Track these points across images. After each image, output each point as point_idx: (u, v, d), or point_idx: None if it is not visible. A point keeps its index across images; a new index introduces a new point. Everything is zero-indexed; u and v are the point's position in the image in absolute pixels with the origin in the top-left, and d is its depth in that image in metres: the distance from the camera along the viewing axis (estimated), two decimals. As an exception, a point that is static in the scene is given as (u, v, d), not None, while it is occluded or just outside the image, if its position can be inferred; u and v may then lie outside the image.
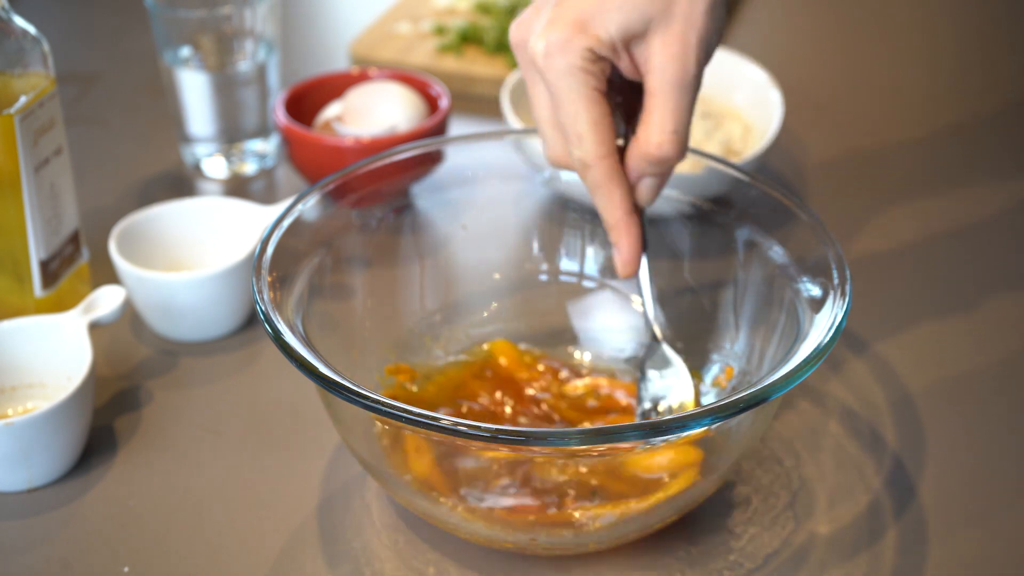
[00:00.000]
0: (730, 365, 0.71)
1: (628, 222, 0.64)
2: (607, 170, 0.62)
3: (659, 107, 0.61)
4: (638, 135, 0.62)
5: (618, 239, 0.64)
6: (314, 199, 0.69)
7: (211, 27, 0.96)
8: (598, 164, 0.62)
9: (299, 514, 0.68)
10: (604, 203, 0.63)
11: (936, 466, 0.71)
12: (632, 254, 0.65)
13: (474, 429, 0.54)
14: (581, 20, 0.60)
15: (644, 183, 0.64)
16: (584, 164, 0.62)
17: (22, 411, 0.73)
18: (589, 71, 0.60)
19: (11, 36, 0.74)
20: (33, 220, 0.76)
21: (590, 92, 0.61)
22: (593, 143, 0.61)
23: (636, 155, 0.63)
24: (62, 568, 0.65)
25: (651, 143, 0.61)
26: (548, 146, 0.65)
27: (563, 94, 0.61)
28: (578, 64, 0.60)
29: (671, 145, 0.61)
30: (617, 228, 0.64)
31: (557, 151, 0.65)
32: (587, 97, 0.61)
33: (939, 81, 1.19)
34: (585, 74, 0.60)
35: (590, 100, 0.61)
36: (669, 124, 0.61)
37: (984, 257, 0.90)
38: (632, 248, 0.64)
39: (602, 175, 0.62)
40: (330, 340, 0.66)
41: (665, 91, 0.61)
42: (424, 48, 1.18)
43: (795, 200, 0.68)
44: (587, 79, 0.60)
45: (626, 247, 0.64)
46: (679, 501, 0.63)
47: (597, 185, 0.63)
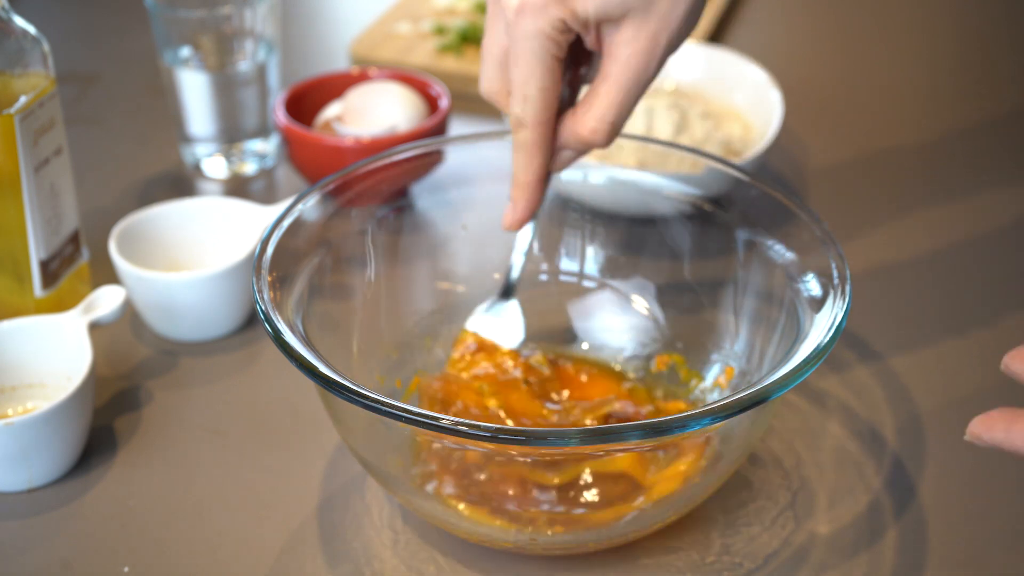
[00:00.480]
0: (730, 365, 0.71)
1: (536, 187, 0.66)
2: (540, 136, 0.64)
3: (607, 95, 0.62)
4: (577, 111, 0.63)
5: (519, 198, 0.66)
6: (314, 199, 0.69)
7: (211, 27, 0.96)
8: (534, 128, 0.63)
9: (299, 514, 0.68)
10: (523, 164, 0.65)
11: (936, 466, 0.71)
12: (525, 215, 0.67)
13: (474, 429, 0.54)
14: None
15: (563, 154, 0.65)
16: (520, 123, 0.63)
17: (22, 411, 0.73)
18: (555, 40, 0.61)
19: (11, 36, 0.74)
20: (33, 220, 0.76)
21: (549, 59, 0.61)
22: (536, 108, 0.62)
23: (568, 129, 0.64)
24: (62, 568, 0.65)
25: (587, 126, 0.63)
26: (485, 77, 0.66)
27: (523, 54, 0.61)
28: (547, 31, 0.60)
29: (604, 134, 0.63)
30: (524, 189, 0.66)
31: (493, 86, 0.65)
32: (544, 64, 0.61)
33: (939, 81, 1.19)
34: (550, 41, 0.61)
35: (546, 67, 0.61)
36: (610, 115, 0.62)
37: (985, 256, 0.90)
38: (528, 211, 0.66)
39: (533, 139, 0.64)
40: (330, 340, 0.66)
41: (620, 82, 0.61)
42: (424, 48, 1.18)
43: (795, 200, 0.68)
44: (550, 47, 0.61)
45: (522, 209, 0.66)
46: (679, 501, 0.63)
47: (524, 146, 0.64)
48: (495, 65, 0.65)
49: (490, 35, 0.65)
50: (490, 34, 0.65)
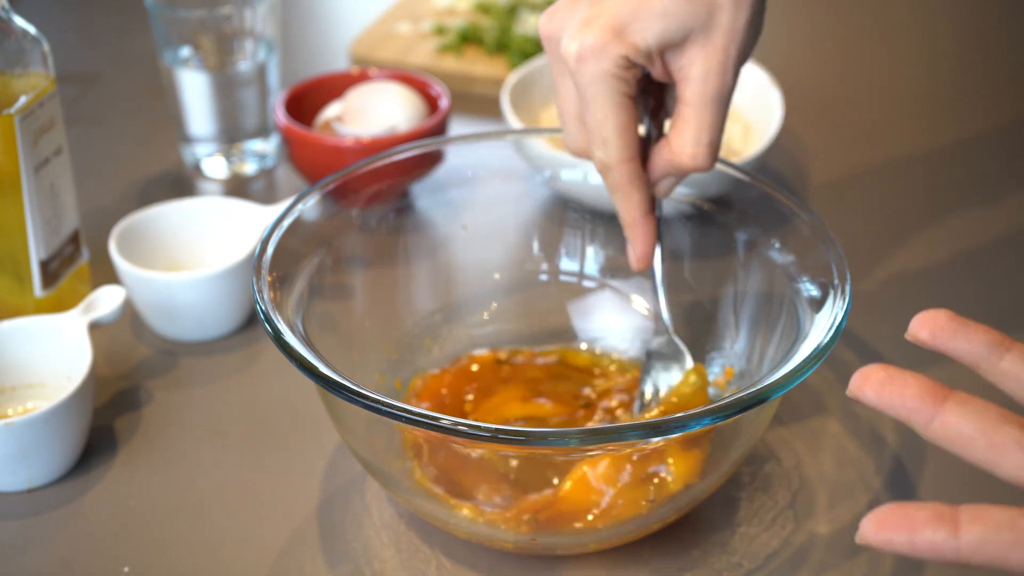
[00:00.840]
0: (730, 365, 0.71)
1: (644, 222, 0.65)
2: (629, 174, 0.63)
3: (695, 118, 0.61)
4: (671, 143, 0.62)
5: (634, 237, 0.65)
6: (314, 199, 0.69)
7: (211, 27, 0.96)
8: (620, 168, 0.62)
9: (299, 514, 0.68)
10: (623, 204, 0.64)
11: (936, 466, 0.71)
12: (646, 251, 0.66)
13: (474, 429, 0.54)
14: (618, 25, 0.59)
15: (665, 182, 0.65)
16: (606, 167, 0.63)
17: (22, 411, 0.73)
18: (621, 78, 0.60)
19: (11, 36, 0.74)
20: (33, 220, 0.76)
21: (620, 99, 0.60)
22: (617, 148, 0.62)
23: (665, 161, 0.63)
24: (62, 568, 0.65)
25: (685, 153, 0.62)
26: (570, 137, 0.65)
27: (592, 99, 0.60)
28: (611, 71, 0.59)
29: (704, 157, 0.62)
30: (634, 227, 0.65)
31: (578, 143, 0.65)
32: (616, 104, 0.60)
33: (939, 81, 1.19)
34: (617, 80, 0.60)
35: (619, 106, 0.61)
36: (705, 136, 0.61)
37: (985, 255, 0.90)
38: (646, 246, 0.66)
39: (623, 178, 0.63)
40: (330, 340, 0.66)
41: (703, 103, 0.61)
42: (424, 48, 1.18)
43: (795, 200, 0.68)
44: (619, 86, 0.60)
45: (640, 245, 0.66)
46: (679, 501, 0.63)
47: (618, 187, 0.64)
48: (574, 122, 0.64)
49: (562, 94, 0.64)
50: (562, 93, 0.64)
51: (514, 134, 0.79)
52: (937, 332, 0.48)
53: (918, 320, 0.48)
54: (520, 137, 0.79)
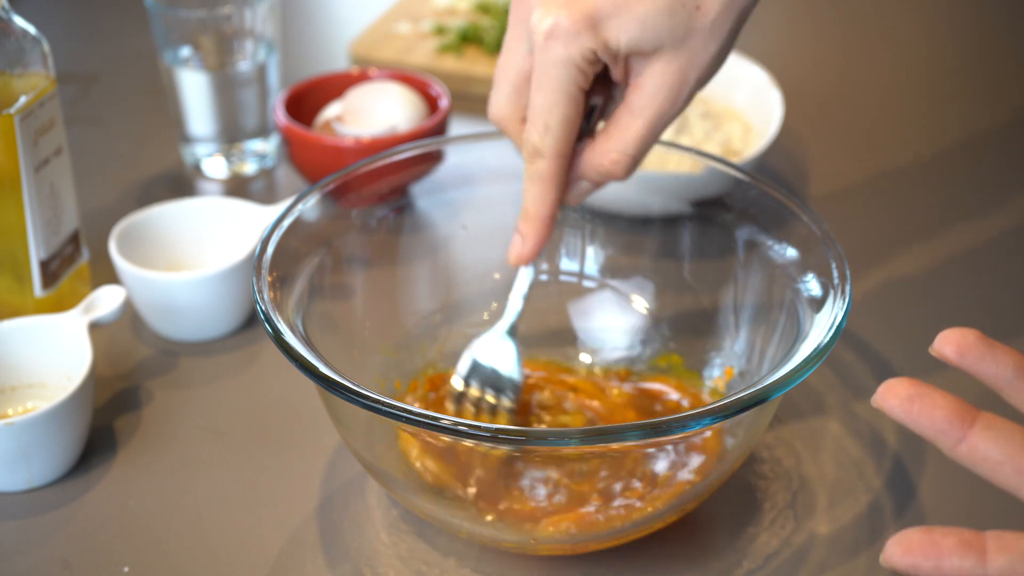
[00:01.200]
0: (730, 365, 0.71)
1: (547, 223, 0.64)
2: (557, 168, 0.62)
3: (630, 127, 0.60)
4: (597, 141, 0.62)
5: (529, 233, 0.64)
6: (314, 199, 0.69)
7: (211, 27, 0.96)
8: (552, 160, 0.61)
9: (299, 514, 0.68)
10: (537, 197, 0.63)
11: (936, 466, 0.71)
12: (534, 250, 0.65)
13: (474, 429, 0.54)
14: (596, 16, 0.58)
15: (580, 185, 0.64)
16: (538, 153, 0.61)
17: (22, 411, 0.73)
18: (583, 70, 0.59)
19: (11, 36, 0.74)
20: (33, 220, 0.76)
21: (575, 89, 0.59)
22: (556, 138, 0.60)
23: (587, 160, 0.62)
24: (62, 568, 0.65)
25: (608, 156, 0.61)
26: (496, 102, 0.63)
27: (548, 81, 0.59)
28: (575, 60, 0.58)
29: (624, 166, 0.61)
30: (534, 223, 0.64)
31: (504, 111, 0.63)
32: (570, 94, 0.59)
33: (939, 80, 1.19)
34: (578, 71, 0.59)
35: (571, 97, 0.60)
36: (632, 147, 0.60)
37: (986, 255, 0.90)
38: (536, 245, 0.64)
39: (551, 171, 0.62)
40: (330, 340, 0.66)
41: (645, 116, 0.60)
42: (424, 48, 1.18)
43: (795, 200, 0.68)
44: (578, 76, 0.59)
45: (531, 243, 0.64)
46: (679, 501, 0.63)
47: (540, 177, 0.62)
48: (510, 89, 0.62)
49: (508, 57, 0.62)
50: (508, 56, 0.62)
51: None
52: (964, 352, 0.47)
53: (945, 337, 0.47)
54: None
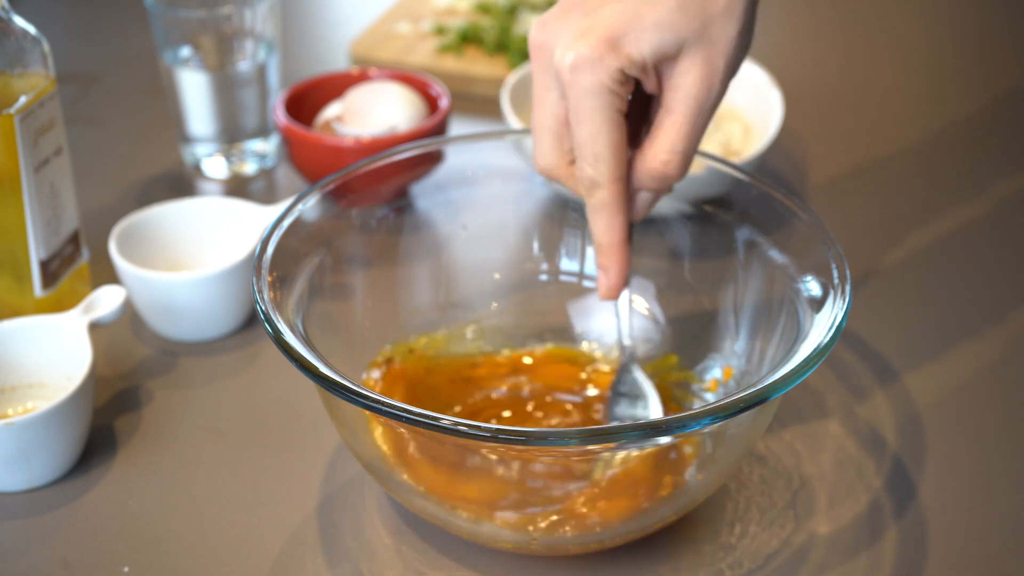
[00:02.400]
0: (730, 365, 0.71)
1: (623, 248, 0.64)
2: (616, 194, 0.62)
3: (674, 126, 0.60)
4: (644, 149, 0.62)
5: (609, 264, 0.64)
6: (314, 199, 0.69)
7: (211, 27, 0.96)
8: (609, 187, 0.61)
9: (299, 514, 0.68)
10: (606, 225, 0.63)
11: (936, 466, 0.71)
12: (620, 280, 0.64)
13: (474, 429, 0.54)
14: (614, 37, 0.58)
15: (640, 197, 0.64)
16: (595, 184, 0.61)
17: (22, 411, 0.73)
18: (616, 92, 0.59)
19: (11, 36, 0.74)
20: (33, 220, 0.76)
21: (613, 113, 0.59)
22: (610, 166, 0.61)
23: (639, 169, 0.62)
24: (62, 568, 0.65)
25: (658, 159, 0.61)
26: (542, 154, 0.64)
27: (585, 113, 0.59)
28: (607, 84, 0.58)
29: (677, 166, 0.61)
30: (611, 253, 0.64)
31: (550, 160, 0.63)
32: (610, 118, 0.59)
33: (939, 81, 1.19)
34: (612, 95, 0.59)
35: (612, 122, 0.60)
36: (680, 144, 0.61)
37: (986, 255, 0.90)
38: (621, 273, 0.64)
39: (611, 198, 0.62)
40: (330, 340, 0.66)
41: (685, 112, 0.60)
42: (424, 48, 1.18)
43: (795, 200, 0.68)
44: (613, 100, 0.59)
45: (615, 273, 0.64)
46: (679, 501, 0.63)
47: (603, 207, 0.62)
48: (551, 137, 0.63)
49: (540, 108, 0.62)
50: (540, 107, 0.62)
51: (514, 134, 0.79)
52: None
53: None
54: (520, 137, 0.79)
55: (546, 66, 0.61)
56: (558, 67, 0.59)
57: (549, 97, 0.62)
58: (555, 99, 0.62)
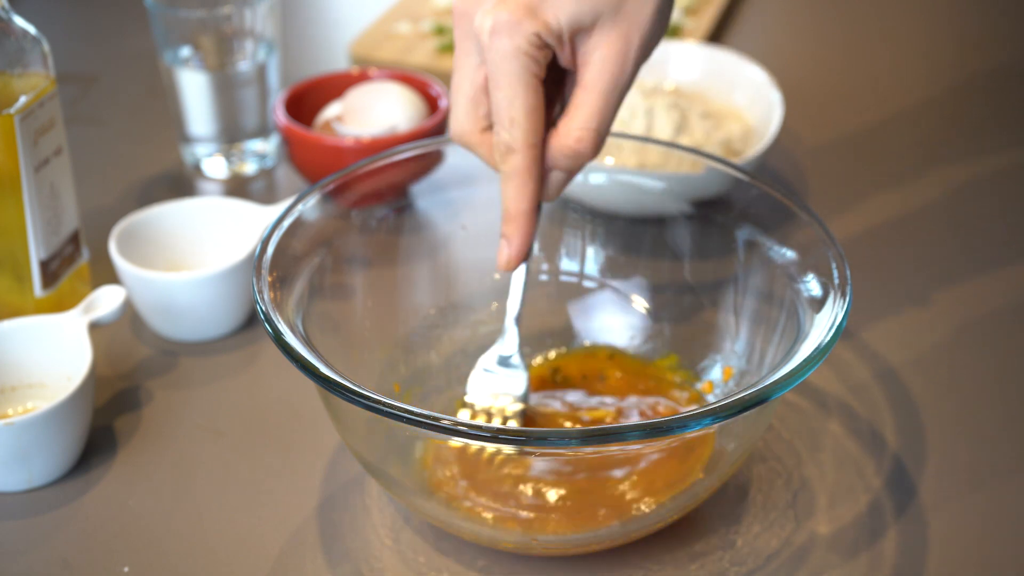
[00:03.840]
0: (730, 365, 0.71)
1: (530, 218, 0.63)
2: (531, 160, 0.62)
3: (587, 103, 0.61)
4: (558, 126, 0.62)
5: (513, 232, 0.64)
6: (314, 199, 0.69)
7: (211, 27, 0.96)
8: (524, 152, 0.62)
9: (299, 514, 0.68)
10: (515, 193, 0.63)
11: (936, 466, 0.71)
12: (521, 251, 0.64)
13: (474, 429, 0.54)
14: (532, 4, 0.59)
15: (553, 175, 0.64)
16: (510, 149, 0.62)
17: (22, 411, 0.73)
18: (533, 56, 0.60)
19: (11, 36, 0.74)
20: (33, 220, 0.76)
21: (530, 78, 0.60)
22: (525, 130, 0.61)
23: (553, 147, 0.62)
24: (62, 568, 0.65)
25: (571, 135, 0.61)
26: (457, 120, 0.64)
27: (503, 76, 0.60)
28: (524, 48, 0.59)
29: (589, 142, 0.61)
30: (517, 221, 0.63)
31: (464, 126, 0.64)
32: (527, 83, 0.60)
33: (939, 81, 1.19)
34: (528, 59, 0.60)
35: (529, 86, 0.60)
36: (593, 121, 0.61)
37: (986, 256, 0.90)
38: (523, 245, 0.64)
39: (524, 164, 0.62)
40: (330, 340, 0.66)
41: (598, 88, 0.60)
42: (424, 48, 1.18)
43: (795, 200, 0.68)
44: (529, 64, 0.60)
45: (517, 243, 0.64)
46: (679, 501, 0.63)
47: (516, 173, 0.62)
48: (467, 102, 0.63)
49: (459, 73, 0.63)
50: (459, 72, 0.63)
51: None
52: None
53: None
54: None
55: (467, 32, 0.62)
56: (478, 31, 0.60)
57: (468, 63, 0.63)
58: (474, 65, 0.63)
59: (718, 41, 1.25)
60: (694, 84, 1.04)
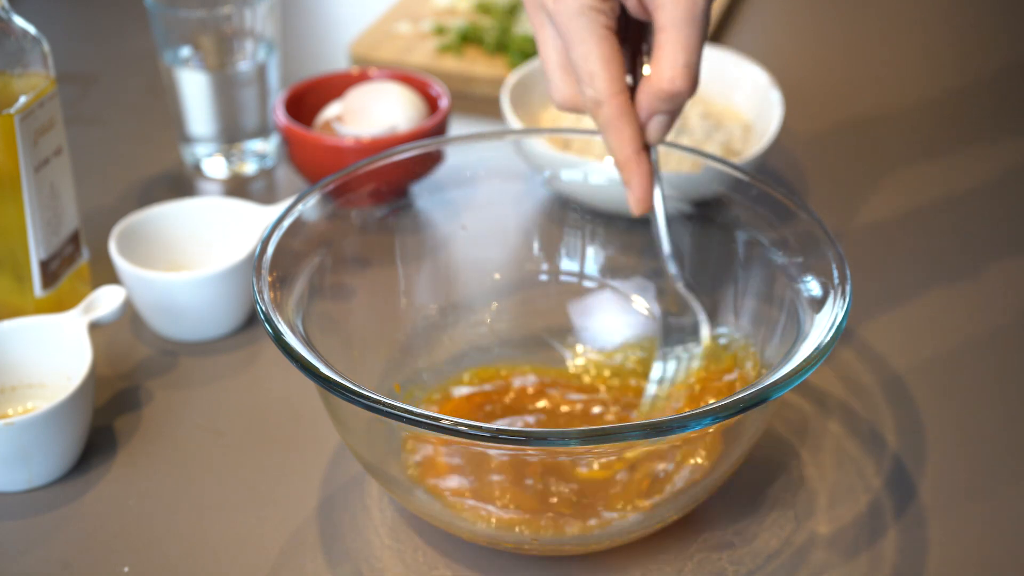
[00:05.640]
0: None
1: (639, 159, 0.64)
2: (619, 107, 0.63)
3: (670, 41, 0.61)
4: (650, 74, 0.62)
5: (629, 177, 0.65)
6: (314, 199, 0.69)
7: (211, 27, 0.96)
8: (610, 101, 0.62)
9: (299, 514, 0.68)
10: (615, 141, 0.64)
11: (936, 466, 0.71)
12: (644, 191, 0.65)
13: (474, 429, 0.54)
14: None
15: (655, 121, 0.64)
16: (597, 102, 0.63)
17: (22, 411, 0.73)
18: (599, 9, 0.61)
19: (11, 36, 0.74)
20: (33, 220, 0.76)
21: (601, 30, 0.61)
22: (605, 80, 0.62)
23: (648, 91, 0.63)
24: (62, 568, 0.65)
25: (663, 77, 0.62)
26: (556, 88, 0.65)
27: (574, 34, 0.61)
28: (588, 3, 0.60)
29: (683, 79, 0.62)
30: (628, 166, 0.64)
31: (566, 93, 0.65)
32: (598, 35, 0.61)
33: (939, 81, 1.19)
34: (595, 12, 0.61)
35: (601, 38, 0.61)
36: (681, 58, 0.61)
37: (986, 256, 0.90)
38: (644, 185, 0.65)
39: (614, 112, 0.63)
40: (330, 340, 0.66)
41: (676, 25, 0.61)
42: (424, 48, 1.18)
43: (795, 200, 0.68)
44: (597, 17, 0.61)
45: (638, 184, 0.65)
46: (680, 501, 0.63)
47: (610, 123, 0.63)
48: (559, 72, 0.65)
49: (543, 46, 0.65)
50: (543, 45, 0.65)
51: (514, 134, 0.79)
52: None
53: None
54: (520, 137, 0.79)
55: (536, 6, 0.64)
56: (543, 1, 0.62)
57: (546, 34, 0.64)
58: (552, 33, 0.64)
59: (718, 41, 1.25)
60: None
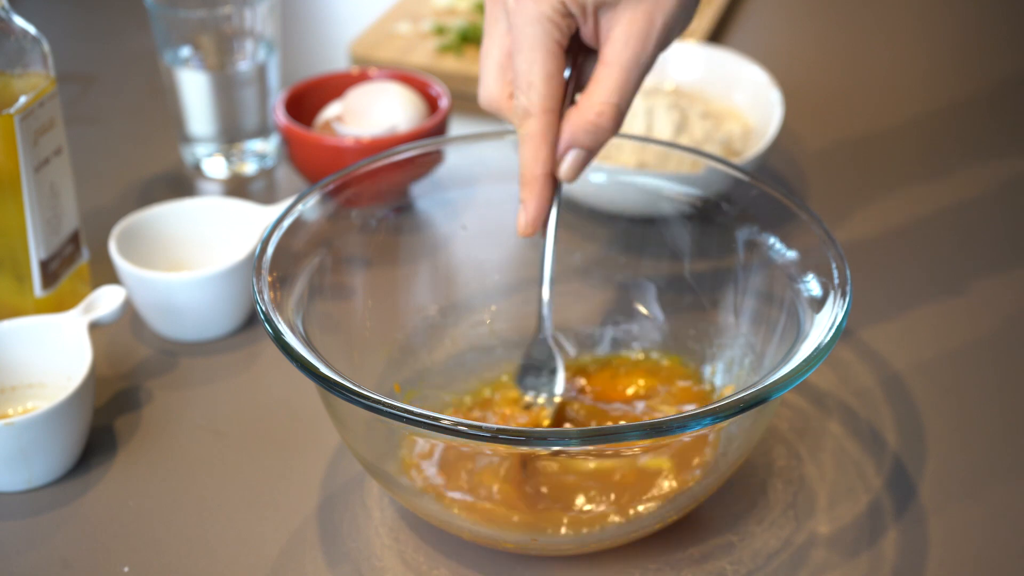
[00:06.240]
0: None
1: (544, 183, 0.64)
2: (545, 124, 0.63)
3: (610, 78, 0.61)
4: (580, 102, 0.63)
5: (529, 197, 0.64)
6: (314, 199, 0.69)
7: (211, 27, 0.96)
8: (540, 116, 0.62)
9: (299, 514, 0.68)
10: (530, 157, 0.63)
11: (936, 466, 0.71)
12: (537, 215, 0.65)
13: (474, 429, 0.54)
14: None
15: (570, 155, 0.64)
16: (526, 112, 0.63)
17: (22, 411, 0.73)
18: (556, 23, 0.61)
19: (11, 36, 0.74)
20: (33, 220, 0.76)
21: (552, 44, 0.61)
22: (542, 94, 0.62)
23: (574, 119, 0.63)
24: (62, 568, 0.65)
25: (593, 109, 0.62)
26: (485, 86, 0.65)
27: (525, 40, 0.61)
28: (548, 14, 0.61)
29: (610, 117, 0.62)
30: (532, 185, 0.64)
31: (494, 94, 0.65)
32: (548, 48, 0.61)
33: (939, 81, 1.19)
34: (551, 24, 0.61)
35: (549, 51, 0.61)
36: (615, 96, 0.62)
37: (986, 257, 0.90)
38: (539, 209, 0.64)
39: (539, 128, 0.63)
40: (330, 340, 0.66)
41: (621, 65, 0.61)
42: (424, 48, 1.18)
43: (795, 200, 0.68)
44: (553, 31, 0.61)
45: (533, 207, 0.64)
46: (679, 501, 0.63)
47: (532, 137, 0.63)
48: (495, 68, 0.65)
49: (489, 40, 0.65)
50: (489, 39, 0.65)
51: (514, 134, 0.79)
52: None
53: None
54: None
55: (497, 1, 0.63)
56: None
57: (497, 29, 0.64)
58: (503, 31, 0.64)
59: (718, 41, 1.25)
60: (694, 84, 1.04)
